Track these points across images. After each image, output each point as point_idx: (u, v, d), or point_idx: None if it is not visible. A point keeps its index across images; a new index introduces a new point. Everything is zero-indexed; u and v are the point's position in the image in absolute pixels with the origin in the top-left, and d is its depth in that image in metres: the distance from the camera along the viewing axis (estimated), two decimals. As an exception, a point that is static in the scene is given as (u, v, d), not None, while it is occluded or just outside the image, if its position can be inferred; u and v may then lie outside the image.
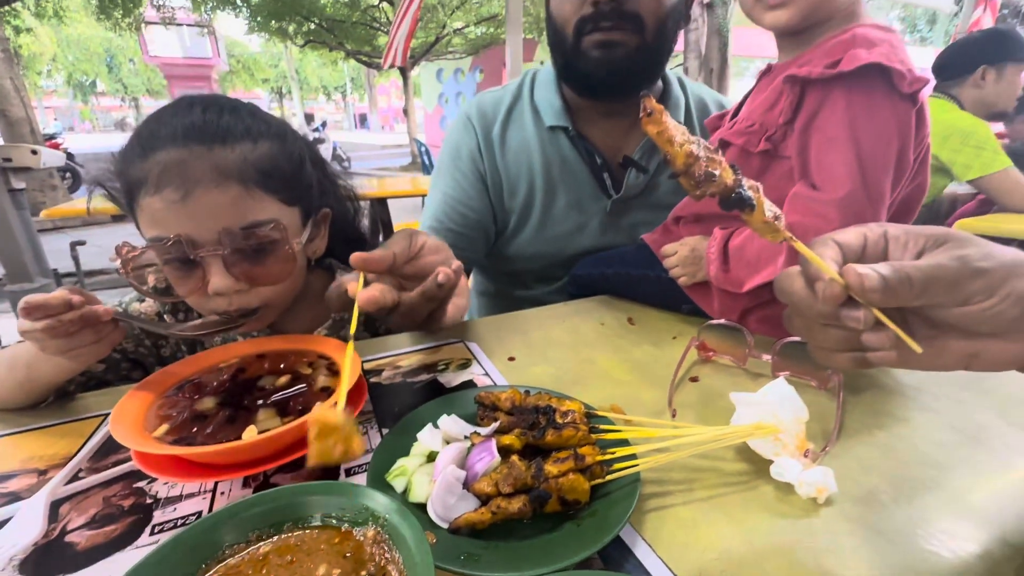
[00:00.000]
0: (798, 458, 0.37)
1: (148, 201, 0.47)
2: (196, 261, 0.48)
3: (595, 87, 0.75)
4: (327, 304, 0.46)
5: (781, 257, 0.52)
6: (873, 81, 0.48)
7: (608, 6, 0.66)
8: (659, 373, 0.53)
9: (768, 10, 0.55)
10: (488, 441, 0.36)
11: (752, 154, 0.57)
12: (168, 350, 0.61)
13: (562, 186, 0.81)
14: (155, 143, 0.48)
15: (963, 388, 0.49)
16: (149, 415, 0.38)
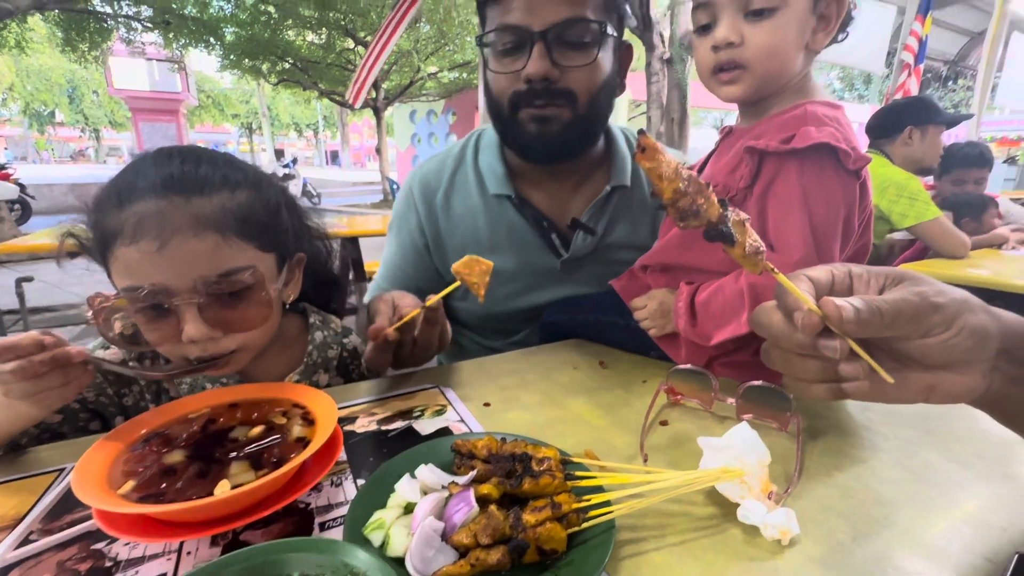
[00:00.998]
0: (763, 500, 0.39)
1: (123, 251, 0.47)
2: (170, 309, 0.48)
3: (533, 155, 0.78)
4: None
5: (745, 312, 0.55)
6: (823, 158, 0.53)
7: (540, 85, 0.68)
8: (630, 417, 0.55)
9: (722, 85, 0.60)
10: (466, 491, 0.36)
11: None
12: (131, 399, 0.59)
13: (510, 250, 0.81)
14: (132, 194, 0.49)
15: (909, 427, 0.53)
16: (113, 470, 0.37)
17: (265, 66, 10.52)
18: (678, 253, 0.66)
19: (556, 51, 0.68)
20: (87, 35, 8.28)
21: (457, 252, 0.83)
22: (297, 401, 0.47)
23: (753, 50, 0.56)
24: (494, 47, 0.72)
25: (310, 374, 0.64)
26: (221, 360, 0.51)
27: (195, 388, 0.60)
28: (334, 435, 0.43)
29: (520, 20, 0.67)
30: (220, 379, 0.60)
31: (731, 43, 0.56)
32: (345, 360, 0.69)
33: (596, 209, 0.81)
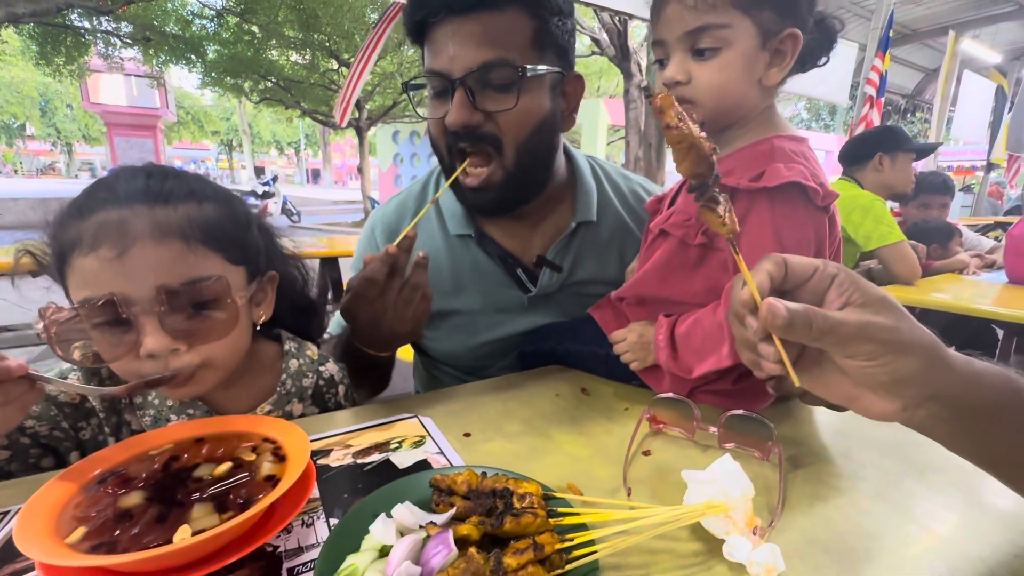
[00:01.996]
0: (747, 535, 0.38)
1: (81, 261, 0.45)
2: (128, 322, 0.45)
3: (479, 211, 0.77)
4: None
5: (725, 345, 0.56)
6: (793, 196, 0.54)
7: (462, 131, 0.65)
8: (613, 447, 0.54)
9: None
10: (445, 532, 0.35)
11: (690, 245, 0.61)
12: (89, 432, 0.55)
13: (475, 288, 0.79)
14: (94, 204, 0.47)
15: (887, 456, 0.54)
16: (64, 515, 0.34)
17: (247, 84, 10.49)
18: (655, 286, 0.65)
19: (479, 96, 0.64)
20: (63, 49, 8.14)
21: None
22: (267, 435, 0.45)
23: (700, 87, 0.58)
24: (428, 95, 0.69)
25: (283, 404, 0.61)
26: (182, 376, 0.48)
27: (159, 420, 0.57)
28: (306, 472, 0.41)
29: (442, 66, 0.65)
30: (187, 411, 0.57)
31: (678, 81, 0.58)
32: (321, 388, 0.66)
33: (562, 246, 0.79)
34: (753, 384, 0.63)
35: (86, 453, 0.54)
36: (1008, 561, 0.39)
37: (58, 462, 0.53)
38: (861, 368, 0.33)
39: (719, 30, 0.55)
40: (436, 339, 0.83)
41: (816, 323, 0.32)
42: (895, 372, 0.32)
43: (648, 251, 0.68)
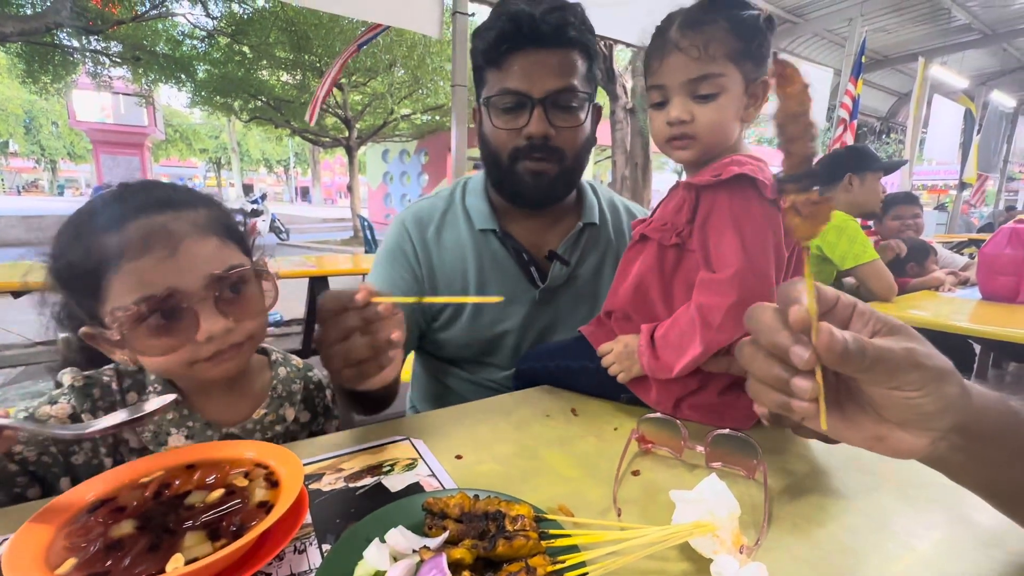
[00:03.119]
0: (735, 554, 0.39)
1: (131, 266, 0.50)
2: (183, 313, 0.51)
3: (525, 202, 0.87)
4: None
5: (698, 335, 0.61)
6: (745, 187, 0.62)
7: (539, 142, 0.79)
8: (603, 467, 0.55)
9: (675, 151, 0.69)
10: (438, 557, 0.35)
11: (667, 247, 0.68)
12: (82, 456, 0.55)
13: (493, 279, 0.88)
14: (127, 215, 0.52)
15: (867, 472, 0.55)
16: (53, 546, 0.34)
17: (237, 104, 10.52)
18: (636, 303, 0.71)
19: (551, 114, 0.78)
20: (51, 68, 8.11)
21: (447, 280, 0.88)
22: (260, 461, 0.45)
23: (701, 126, 0.66)
24: (495, 106, 0.80)
25: (276, 408, 0.65)
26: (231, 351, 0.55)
27: (160, 434, 0.58)
28: (299, 498, 0.41)
29: (521, 86, 0.77)
30: (187, 423, 0.59)
31: (683, 121, 0.65)
32: (311, 393, 0.70)
33: (570, 243, 0.89)
34: (737, 399, 0.65)
35: (78, 479, 0.54)
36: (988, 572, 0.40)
37: (45, 491, 0.52)
38: (907, 399, 0.31)
39: (716, 78, 0.63)
40: (454, 328, 0.89)
41: (869, 350, 0.30)
42: (939, 400, 0.31)
43: (629, 257, 0.74)
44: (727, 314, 0.59)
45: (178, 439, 0.58)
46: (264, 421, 0.64)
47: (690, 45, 0.62)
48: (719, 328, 0.59)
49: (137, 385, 0.59)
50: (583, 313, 0.89)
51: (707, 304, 0.61)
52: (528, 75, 0.77)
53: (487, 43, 0.79)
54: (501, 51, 0.78)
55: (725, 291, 0.59)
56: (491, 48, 0.79)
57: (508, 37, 0.76)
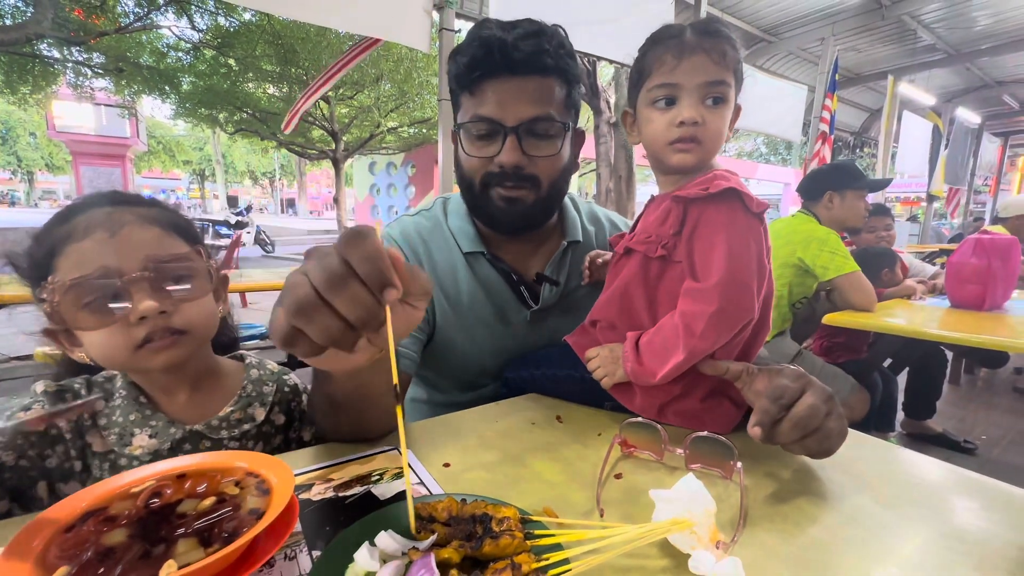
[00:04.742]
0: (711, 549, 0.41)
1: (75, 247, 0.54)
2: (120, 293, 0.54)
3: (500, 228, 0.86)
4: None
5: (681, 341, 0.63)
6: (732, 200, 0.64)
7: (512, 170, 0.77)
8: (587, 472, 0.56)
9: (677, 153, 0.69)
10: (427, 557, 0.36)
11: (652, 259, 0.69)
12: (55, 459, 0.57)
13: (488, 302, 0.87)
14: (79, 209, 0.57)
15: (840, 471, 0.58)
16: (45, 556, 0.34)
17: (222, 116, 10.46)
18: (621, 313, 0.72)
19: (525, 142, 0.77)
20: (31, 78, 7.98)
21: (441, 302, 0.86)
22: (251, 470, 0.45)
23: (709, 131, 0.68)
24: (468, 132, 0.79)
25: (245, 406, 0.66)
26: (169, 339, 0.57)
27: (124, 436, 0.60)
28: (290, 505, 0.42)
29: (494, 114, 0.76)
30: (150, 423, 0.61)
31: (696, 121, 0.67)
32: (287, 396, 0.71)
33: (556, 263, 0.89)
34: (719, 404, 0.67)
35: (53, 482, 0.57)
36: (952, 564, 0.42)
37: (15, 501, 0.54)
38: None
39: (725, 86, 0.66)
40: (449, 352, 0.87)
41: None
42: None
43: (615, 270, 0.75)
44: (709, 322, 0.61)
45: (142, 439, 0.60)
46: (230, 419, 0.65)
47: (712, 48, 0.65)
48: (701, 335, 0.61)
49: (106, 393, 0.62)
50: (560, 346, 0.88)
51: (690, 312, 0.63)
52: (501, 103, 0.75)
53: (460, 68, 0.78)
54: (473, 77, 0.76)
55: (708, 299, 0.62)
56: (464, 74, 0.77)
57: (480, 64, 0.75)
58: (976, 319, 1.75)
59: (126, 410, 0.61)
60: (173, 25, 8.38)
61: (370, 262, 0.37)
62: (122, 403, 0.61)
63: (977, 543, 0.46)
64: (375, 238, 0.38)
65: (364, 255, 0.37)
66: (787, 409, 0.54)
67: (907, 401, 2.45)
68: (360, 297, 0.37)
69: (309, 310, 0.37)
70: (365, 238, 0.38)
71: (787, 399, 0.54)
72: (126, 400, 0.61)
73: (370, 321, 0.38)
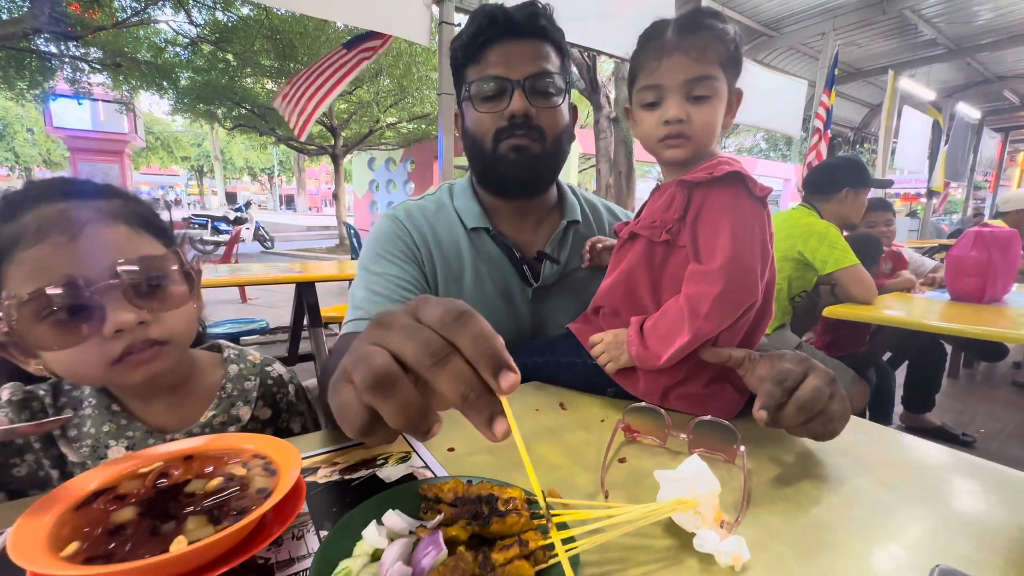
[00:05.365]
0: (716, 529, 0.41)
1: (27, 254, 0.46)
2: (87, 305, 0.46)
3: (510, 185, 0.89)
4: None
5: (686, 323, 0.63)
6: (736, 184, 0.65)
7: (521, 120, 0.83)
8: (590, 456, 0.57)
9: (667, 149, 0.71)
10: (435, 534, 0.37)
11: (657, 243, 0.70)
12: (24, 468, 0.54)
13: (490, 278, 0.90)
14: (24, 204, 0.48)
15: (839, 455, 0.58)
16: (55, 533, 0.35)
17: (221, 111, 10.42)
18: (625, 298, 0.73)
19: (530, 97, 0.82)
20: (28, 74, 7.94)
21: (446, 279, 0.88)
22: (258, 452, 0.46)
23: (696, 126, 0.69)
24: (476, 96, 0.84)
25: (227, 408, 0.62)
26: (150, 351, 0.50)
27: (98, 448, 0.56)
28: (297, 485, 0.42)
29: (500, 72, 0.82)
30: (126, 434, 0.57)
31: (680, 120, 0.68)
32: (271, 389, 0.68)
33: (556, 241, 0.92)
34: (722, 390, 0.68)
35: (21, 490, 0.54)
36: (951, 544, 0.43)
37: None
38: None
39: (710, 81, 0.67)
40: None
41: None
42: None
43: (619, 256, 0.76)
44: (714, 303, 0.62)
45: (118, 451, 0.56)
46: (213, 423, 0.61)
47: (690, 47, 0.66)
48: (706, 317, 0.62)
49: (73, 401, 0.57)
50: (575, 310, 0.91)
51: (695, 294, 0.64)
52: (506, 61, 0.82)
53: (465, 40, 0.84)
54: (478, 44, 0.83)
55: (712, 281, 0.62)
56: (469, 44, 0.83)
57: (484, 31, 0.82)
58: (975, 311, 1.75)
59: (98, 420, 0.56)
60: (171, 20, 8.34)
61: (484, 341, 0.31)
62: (93, 413, 0.56)
63: (976, 524, 0.46)
64: (481, 317, 0.32)
65: (475, 334, 0.31)
66: (791, 393, 0.54)
67: (906, 394, 2.46)
68: (467, 376, 0.31)
69: (391, 384, 0.31)
70: (473, 316, 0.32)
71: (791, 382, 0.54)
72: (97, 410, 0.56)
73: (478, 404, 0.31)
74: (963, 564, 0.37)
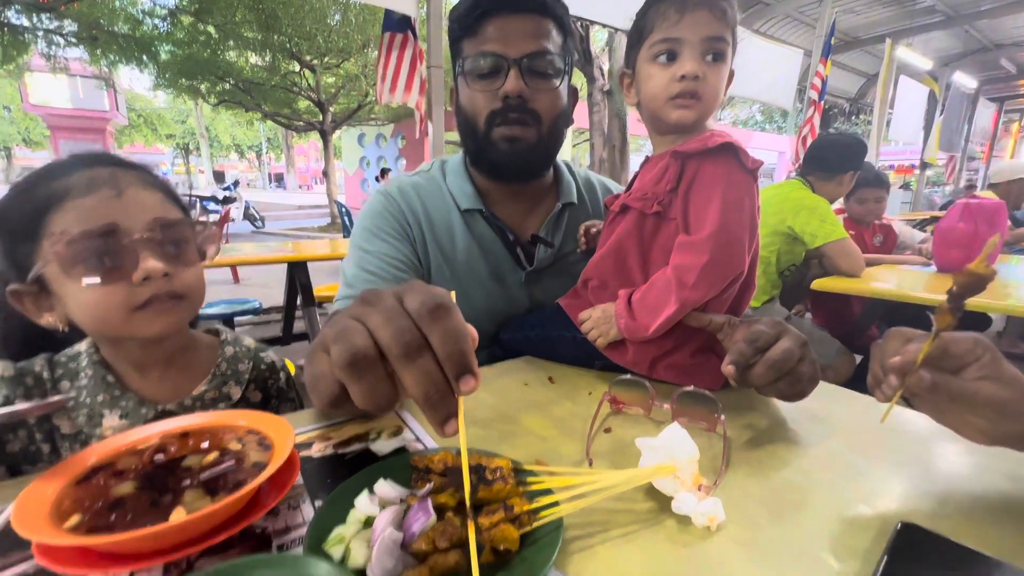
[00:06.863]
0: (694, 492, 0.43)
1: (77, 203, 0.53)
2: (124, 252, 0.54)
3: (502, 171, 0.87)
4: None
5: (673, 294, 0.64)
6: (728, 155, 0.66)
7: (515, 102, 0.80)
8: (577, 427, 0.58)
9: (677, 109, 0.69)
10: (424, 501, 0.38)
11: (648, 215, 0.70)
12: (17, 444, 0.56)
13: (483, 261, 0.89)
14: (74, 166, 0.56)
15: (819, 423, 0.60)
16: (56, 508, 0.36)
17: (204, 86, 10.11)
18: (614, 270, 0.74)
19: (527, 77, 0.79)
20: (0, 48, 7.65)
21: (438, 260, 0.87)
22: (252, 427, 0.47)
23: (708, 87, 0.68)
24: (471, 73, 0.81)
25: (220, 385, 0.65)
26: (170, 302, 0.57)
27: (94, 417, 0.59)
28: (291, 458, 0.44)
29: (496, 48, 0.79)
30: (119, 403, 0.60)
31: (697, 76, 0.67)
32: (263, 374, 0.71)
33: (551, 224, 0.91)
34: (708, 360, 0.70)
35: (16, 466, 0.57)
36: (917, 503, 0.45)
37: None
38: (978, 423, 0.43)
39: (725, 43, 0.67)
40: None
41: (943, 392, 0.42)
42: (1004, 432, 0.43)
43: (609, 229, 0.76)
44: (701, 273, 0.63)
45: (112, 420, 0.59)
46: (204, 398, 0.63)
47: (714, 4, 0.65)
48: (693, 287, 0.63)
49: (70, 374, 0.60)
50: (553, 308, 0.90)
51: (683, 264, 0.64)
52: (503, 38, 0.78)
53: (461, 11, 0.81)
54: (476, 16, 0.79)
55: (700, 251, 0.63)
56: (466, 15, 0.80)
57: (482, 2, 0.79)
58: (960, 283, 1.78)
59: (93, 391, 0.59)
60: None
61: (453, 341, 0.32)
62: (88, 383, 0.59)
63: (942, 484, 0.48)
64: (459, 313, 0.34)
65: (447, 331, 0.32)
66: (762, 352, 0.56)
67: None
68: (433, 376, 0.32)
69: (364, 366, 0.33)
70: (450, 312, 0.33)
71: (762, 343, 0.56)
72: (93, 380, 0.59)
73: (437, 404, 0.33)
74: (927, 521, 0.40)
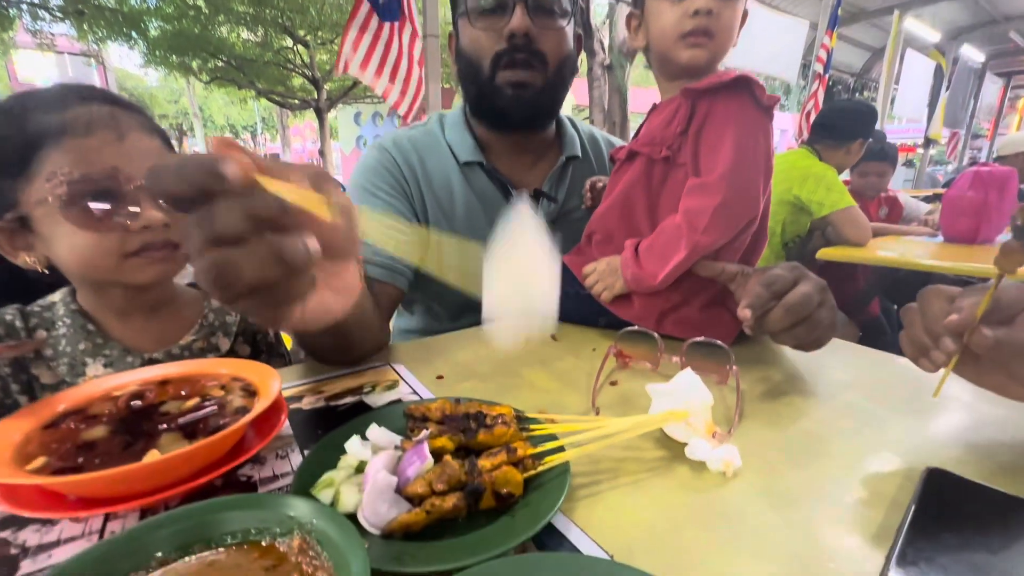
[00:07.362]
0: (707, 439, 0.41)
1: (77, 143, 0.51)
2: (123, 198, 0.52)
3: (507, 120, 0.83)
4: None
5: (683, 239, 0.61)
6: (742, 91, 0.61)
7: (521, 41, 0.75)
8: (581, 381, 0.56)
9: (688, 48, 0.65)
10: (420, 446, 0.35)
11: (656, 160, 0.67)
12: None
13: (483, 215, 0.85)
14: (70, 98, 0.53)
15: (835, 375, 0.58)
16: (22, 450, 0.33)
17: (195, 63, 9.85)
18: (620, 222, 0.70)
19: (534, 14, 0.75)
20: (-17, 23, 7.43)
21: (435, 213, 0.83)
22: (236, 375, 0.44)
23: (721, 24, 0.64)
24: (473, 11, 0.77)
25: (207, 335, 0.65)
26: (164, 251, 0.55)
27: (76, 366, 0.57)
28: (277, 403, 0.41)
29: None
30: (103, 352, 0.58)
31: (710, 11, 0.63)
32: (251, 327, 0.70)
33: (555, 179, 0.88)
34: (719, 314, 0.66)
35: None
36: (943, 449, 0.43)
37: None
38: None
39: None
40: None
41: (1016, 344, 0.38)
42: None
43: (615, 179, 0.73)
44: (713, 216, 0.59)
45: (96, 368, 0.57)
46: (192, 347, 0.63)
47: None
48: (705, 230, 0.59)
49: (45, 323, 0.58)
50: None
51: (693, 207, 0.61)
52: None
53: None
54: None
55: (712, 192, 0.60)
56: None
57: None
58: (968, 252, 1.75)
59: (73, 339, 0.57)
60: (133, -39, 7.75)
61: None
62: (68, 332, 0.57)
63: (969, 431, 0.46)
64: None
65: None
66: (780, 297, 0.53)
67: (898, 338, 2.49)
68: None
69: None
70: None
71: (780, 287, 0.53)
72: (72, 329, 0.57)
73: None
74: (954, 467, 0.37)
